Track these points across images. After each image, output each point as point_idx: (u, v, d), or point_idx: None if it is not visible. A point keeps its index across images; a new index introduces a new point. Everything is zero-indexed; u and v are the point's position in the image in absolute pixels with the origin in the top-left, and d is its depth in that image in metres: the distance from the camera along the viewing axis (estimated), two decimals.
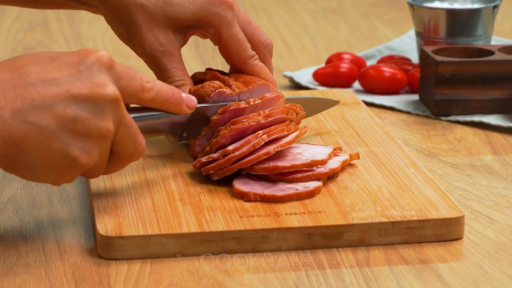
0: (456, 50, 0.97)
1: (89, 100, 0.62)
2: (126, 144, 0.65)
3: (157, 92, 0.67)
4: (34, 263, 0.66)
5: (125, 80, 0.65)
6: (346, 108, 0.90)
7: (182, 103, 0.70)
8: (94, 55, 0.64)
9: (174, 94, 0.69)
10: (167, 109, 0.69)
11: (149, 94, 0.67)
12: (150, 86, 0.67)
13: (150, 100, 0.67)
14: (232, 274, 0.64)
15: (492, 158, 0.84)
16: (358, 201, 0.71)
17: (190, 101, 0.70)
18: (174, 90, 0.69)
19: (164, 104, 0.69)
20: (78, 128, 0.62)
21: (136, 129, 0.66)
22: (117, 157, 0.66)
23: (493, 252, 0.67)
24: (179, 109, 0.70)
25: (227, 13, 0.77)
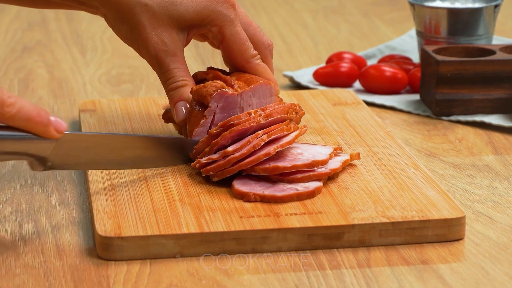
0: (457, 49, 0.97)
1: None
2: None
3: (19, 109, 0.63)
4: (33, 264, 0.66)
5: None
6: (346, 108, 0.90)
7: (49, 125, 0.65)
8: None
9: (40, 114, 0.64)
10: (31, 129, 0.65)
11: (9, 109, 0.63)
12: (11, 101, 0.63)
13: (11, 117, 0.63)
14: (232, 275, 0.64)
15: (493, 158, 0.84)
16: (358, 202, 0.71)
17: (60, 125, 0.65)
18: (40, 110, 0.65)
19: (27, 123, 0.64)
20: None
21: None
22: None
23: (495, 252, 0.67)
24: (45, 130, 0.65)
25: (230, 11, 0.77)
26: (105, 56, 1.15)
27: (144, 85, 1.05)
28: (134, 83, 1.06)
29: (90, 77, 1.07)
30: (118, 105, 0.91)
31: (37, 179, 0.80)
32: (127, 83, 1.05)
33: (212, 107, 0.75)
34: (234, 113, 0.76)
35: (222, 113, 0.76)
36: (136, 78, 1.07)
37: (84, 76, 1.08)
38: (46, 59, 1.14)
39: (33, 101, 0.99)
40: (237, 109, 0.76)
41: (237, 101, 0.76)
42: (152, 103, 0.91)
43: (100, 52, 1.17)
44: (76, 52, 1.17)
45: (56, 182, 0.79)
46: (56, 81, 1.06)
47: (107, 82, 1.06)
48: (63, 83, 1.06)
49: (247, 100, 0.77)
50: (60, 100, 1.00)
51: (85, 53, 1.17)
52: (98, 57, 1.15)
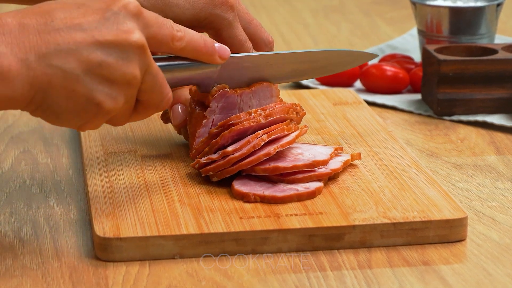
0: (459, 48, 0.97)
1: (115, 46, 0.63)
2: (152, 93, 0.66)
3: (189, 41, 0.68)
4: (31, 265, 0.66)
5: (154, 28, 0.65)
6: (347, 107, 0.90)
7: (215, 53, 0.70)
8: (120, 2, 0.64)
9: (206, 44, 0.69)
10: (199, 58, 0.70)
11: (179, 43, 0.67)
12: (181, 35, 0.67)
13: (181, 50, 0.68)
14: (232, 276, 0.64)
15: (495, 158, 0.84)
16: (359, 202, 0.70)
17: (224, 51, 0.70)
18: (206, 40, 0.69)
19: (195, 53, 0.69)
20: (103, 73, 0.63)
21: (162, 79, 0.66)
22: (143, 106, 0.66)
23: (497, 253, 0.67)
24: (211, 59, 0.70)
25: (228, 14, 0.77)
26: None
27: None
28: None
29: None
30: None
31: (35, 179, 0.79)
32: None
33: (213, 107, 0.75)
34: (234, 114, 0.76)
35: (222, 113, 0.75)
36: None
37: None
38: None
39: None
40: (236, 110, 0.76)
41: (237, 101, 0.76)
42: None
43: None
44: None
45: (54, 183, 0.79)
46: None
47: None
48: None
49: (247, 101, 0.76)
50: None
51: None
52: None
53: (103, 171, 0.76)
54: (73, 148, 0.85)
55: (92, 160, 0.78)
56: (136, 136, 0.83)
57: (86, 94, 0.63)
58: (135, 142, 0.82)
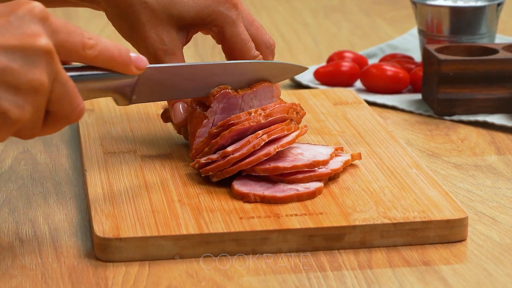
0: (459, 48, 0.96)
1: (19, 51, 0.59)
2: (62, 103, 0.62)
3: (101, 50, 0.64)
4: (30, 265, 0.65)
5: (62, 35, 0.62)
6: (347, 107, 0.90)
7: (130, 63, 0.66)
8: (25, 6, 0.61)
9: (121, 53, 0.65)
10: (113, 68, 0.66)
11: (91, 52, 0.63)
12: (92, 43, 0.63)
13: (93, 58, 0.64)
14: (232, 277, 0.64)
15: (496, 159, 0.84)
16: (360, 202, 0.70)
17: (140, 61, 0.66)
18: (121, 49, 0.65)
19: (109, 63, 0.65)
20: (7, 80, 0.59)
21: (73, 88, 0.62)
22: (53, 118, 0.62)
23: (497, 254, 0.67)
24: (127, 69, 0.66)
25: (231, 12, 0.77)
26: None
27: None
28: None
29: None
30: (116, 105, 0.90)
31: (35, 179, 0.79)
32: None
33: (214, 108, 0.74)
34: (234, 114, 0.75)
35: (222, 113, 0.75)
36: None
37: None
38: None
39: None
40: (237, 110, 0.76)
41: (238, 102, 0.76)
42: (151, 103, 0.91)
43: None
44: None
45: (53, 183, 0.79)
46: None
47: None
48: None
49: (248, 102, 0.76)
50: None
51: None
52: None
53: (103, 171, 0.76)
54: (72, 148, 0.85)
55: (91, 160, 0.78)
56: (135, 136, 0.83)
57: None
58: (135, 142, 0.82)
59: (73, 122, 0.63)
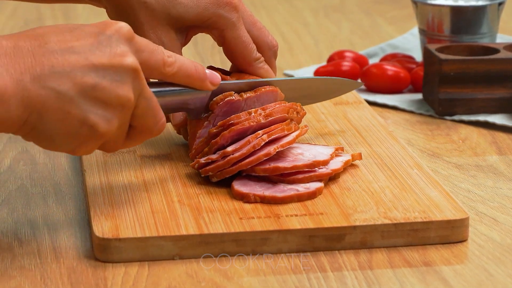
0: (460, 48, 0.96)
1: (109, 68, 0.63)
2: (146, 118, 0.66)
3: (180, 67, 0.68)
4: (29, 266, 0.65)
5: (146, 53, 0.66)
6: (348, 107, 0.90)
7: (206, 79, 0.70)
8: (113, 26, 0.65)
9: (197, 70, 0.70)
10: (190, 84, 0.70)
11: (171, 69, 0.67)
12: (172, 61, 0.67)
13: (172, 75, 0.68)
14: (232, 277, 0.64)
15: (497, 159, 0.84)
16: (360, 203, 0.70)
17: (214, 77, 0.71)
18: (197, 66, 0.70)
19: (186, 79, 0.69)
20: (97, 95, 0.63)
21: (156, 103, 0.66)
22: (136, 131, 0.66)
23: (499, 254, 0.67)
24: (202, 85, 0.70)
25: (232, 15, 0.77)
26: None
27: None
28: None
29: None
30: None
31: (33, 180, 0.79)
32: None
33: (217, 113, 0.74)
34: None
35: (224, 116, 0.75)
36: None
37: None
38: None
39: None
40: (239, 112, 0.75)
41: (241, 105, 0.75)
42: None
43: None
44: None
45: (52, 183, 0.78)
46: None
47: None
48: None
49: (251, 105, 0.76)
50: None
51: None
52: None
53: (102, 171, 0.75)
54: None
55: (91, 160, 0.78)
56: None
57: (80, 116, 0.62)
58: None
59: (155, 135, 0.67)
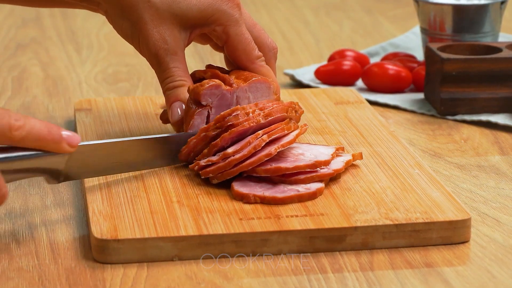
0: (462, 47, 0.96)
1: None
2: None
3: (29, 131, 0.64)
4: (27, 267, 0.65)
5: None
6: (349, 107, 0.90)
7: (61, 141, 0.66)
8: None
9: (50, 132, 0.65)
10: (44, 148, 0.66)
11: (18, 133, 0.64)
12: (20, 124, 0.64)
13: (21, 139, 0.64)
14: (231, 278, 0.63)
15: (499, 159, 0.83)
16: (361, 203, 0.70)
17: (73, 138, 0.66)
18: (51, 128, 0.66)
19: (38, 142, 0.65)
20: None
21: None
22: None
23: (501, 255, 0.66)
24: (58, 147, 0.66)
25: (235, 11, 0.77)
26: (101, 54, 1.14)
27: (141, 84, 1.04)
28: (131, 81, 1.05)
29: (86, 75, 1.06)
30: (114, 104, 0.90)
31: (31, 180, 0.79)
32: (123, 82, 1.05)
33: (205, 104, 0.74)
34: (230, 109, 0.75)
35: (218, 110, 0.75)
36: (133, 77, 1.06)
37: (79, 74, 1.07)
38: (40, 57, 1.13)
39: (27, 100, 0.99)
40: (232, 106, 0.75)
41: (232, 97, 0.75)
42: (150, 102, 0.91)
43: (96, 49, 1.16)
44: (72, 49, 1.16)
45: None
46: (51, 80, 1.05)
47: (103, 80, 1.05)
48: (58, 81, 1.05)
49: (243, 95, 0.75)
50: (55, 99, 0.99)
51: (81, 50, 1.16)
52: (94, 55, 1.14)
53: None
54: None
55: None
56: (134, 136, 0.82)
57: None
58: None
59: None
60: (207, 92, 0.74)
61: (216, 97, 0.75)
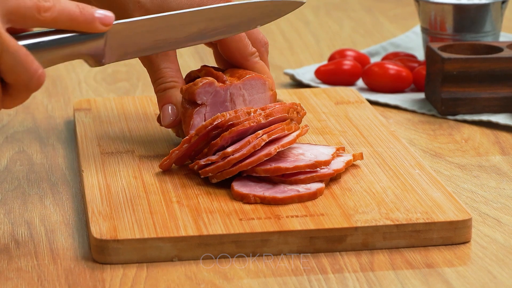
0: (463, 46, 0.96)
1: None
2: (15, 73, 0.61)
3: (60, 11, 0.62)
4: (26, 268, 0.65)
5: (12, 2, 0.61)
6: (349, 107, 0.89)
7: (94, 21, 0.64)
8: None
9: (83, 12, 0.64)
10: (76, 28, 0.64)
11: (48, 14, 0.62)
12: (48, 5, 0.62)
13: (53, 21, 0.62)
14: (231, 279, 0.63)
15: (500, 159, 0.83)
16: (361, 203, 0.69)
17: (106, 17, 0.64)
18: (83, 7, 0.64)
19: (71, 23, 0.63)
20: None
21: (25, 57, 0.61)
22: (12, 88, 0.62)
23: (502, 256, 0.66)
24: (91, 27, 0.64)
25: None
26: None
27: (140, 84, 1.04)
28: (130, 81, 1.05)
29: (85, 75, 1.06)
30: (114, 104, 0.90)
31: (30, 180, 0.79)
32: (123, 82, 1.05)
33: (200, 102, 0.74)
34: (225, 108, 0.75)
35: (213, 108, 0.74)
36: (133, 76, 1.06)
37: (79, 74, 1.07)
38: None
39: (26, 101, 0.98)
40: (227, 103, 0.75)
41: (226, 94, 0.75)
42: (149, 102, 0.91)
43: None
44: None
45: (50, 184, 0.78)
46: (50, 79, 1.05)
47: (102, 80, 1.05)
48: (57, 81, 1.05)
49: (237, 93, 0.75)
50: (54, 99, 0.99)
51: None
52: None
53: (100, 172, 0.75)
54: (69, 148, 0.85)
55: (88, 160, 0.77)
56: (133, 136, 0.83)
57: None
58: (133, 142, 0.81)
59: (33, 90, 0.62)
60: (201, 90, 0.74)
61: (210, 95, 0.74)
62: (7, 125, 0.91)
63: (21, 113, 0.92)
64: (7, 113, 0.93)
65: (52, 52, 0.64)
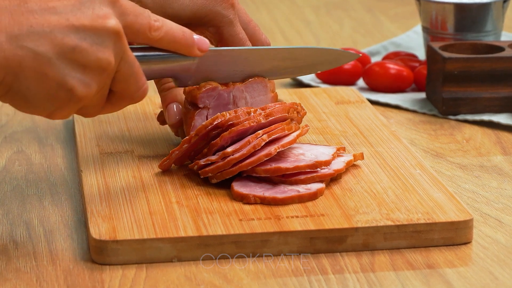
0: (464, 46, 0.96)
1: (90, 31, 0.62)
2: (127, 83, 0.65)
3: (167, 32, 0.67)
4: (25, 268, 0.65)
5: (131, 17, 0.65)
6: (350, 106, 0.89)
7: (193, 45, 0.69)
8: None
9: (185, 35, 0.68)
10: (177, 50, 0.69)
11: (157, 33, 0.66)
12: (158, 25, 0.66)
13: (159, 40, 0.67)
14: (231, 280, 0.63)
15: (502, 159, 0.83)
16: (362, 204, 0.69)
17: (203, 43, 0.69)
18: (185, 31, 0.69)
19: (173, 45, 0.68)
20: (76, 58, 0.62)
21: (138, 68, 0.65)
22: (117, 97, 0.66)
23: (503, 256, 0.66)
24: (190, 51, 0.69)
25: (229, 12, 0.76)
26: None
27: None
28: None
29: None
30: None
31: (29, 180, 0.79)
32: None
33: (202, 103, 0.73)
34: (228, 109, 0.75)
35: (215, 111, 0.75)
36: None
37: None
38: None
39: None
40: (230, 106, 0.75)
41: (229, 97, 0.75)
42: (149, 102, 0.91)
43: None
44: None
45: (48, 184, 0.78)
46: None
47: None
48: None
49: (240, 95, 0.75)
50: None
51: None
52: None
53: (99, 172, 0.75)
54: (68, 148, 0.85)
55: (87, 160, 0.77)
56: (132, 136, 0.83)
57: (58, 79, 0.61)
58: (132, 142, 0.81)
59: (136, 101, 0.66)
60: (204, 95, 0.74)
61: (213, 99, 0.74)
62: (5, 125, 0.90)
63: (20, 113, 0.92)
64: (5, 113, 0.93)
65: (152, 66, 0.69)
